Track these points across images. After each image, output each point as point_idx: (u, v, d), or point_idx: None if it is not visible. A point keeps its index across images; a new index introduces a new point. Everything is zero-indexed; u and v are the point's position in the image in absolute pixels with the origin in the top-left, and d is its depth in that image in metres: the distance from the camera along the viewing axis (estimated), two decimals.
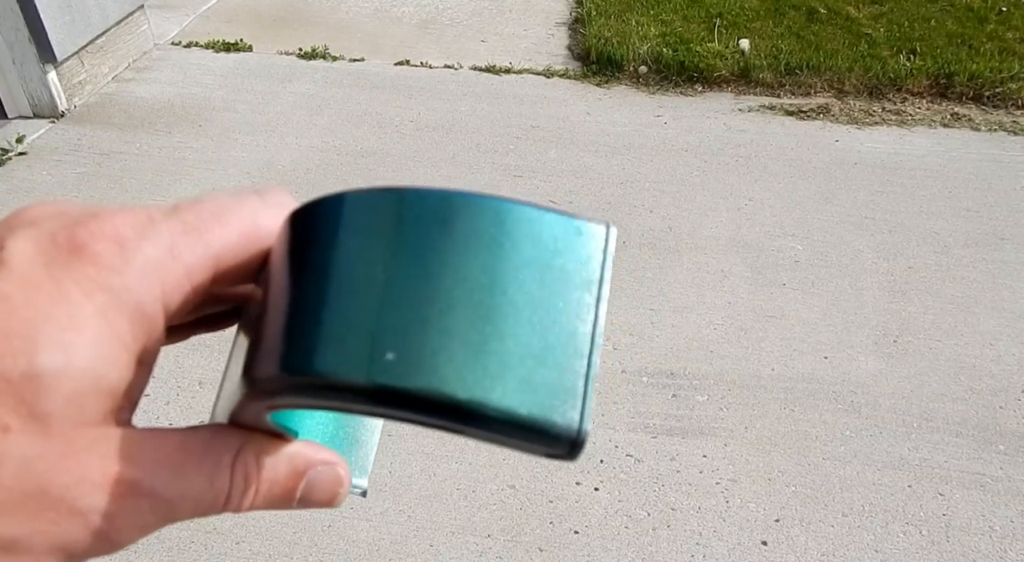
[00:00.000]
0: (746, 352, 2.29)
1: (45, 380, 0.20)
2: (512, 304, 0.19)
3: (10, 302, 0.20)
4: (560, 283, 0.20)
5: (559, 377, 0.19)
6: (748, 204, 2.92)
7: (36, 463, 0.20)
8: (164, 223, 0.23)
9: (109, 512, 0.21)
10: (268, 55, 3.90)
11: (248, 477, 0.24)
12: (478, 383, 0.18)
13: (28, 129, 3.22)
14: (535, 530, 1.82)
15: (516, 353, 0.19)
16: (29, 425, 0.20)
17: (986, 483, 1.95)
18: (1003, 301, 2.49)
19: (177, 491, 0.22)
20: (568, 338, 0.19)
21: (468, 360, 0.18)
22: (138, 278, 0.21)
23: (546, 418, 0.18)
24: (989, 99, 3.59)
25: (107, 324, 0.21)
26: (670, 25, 4.08)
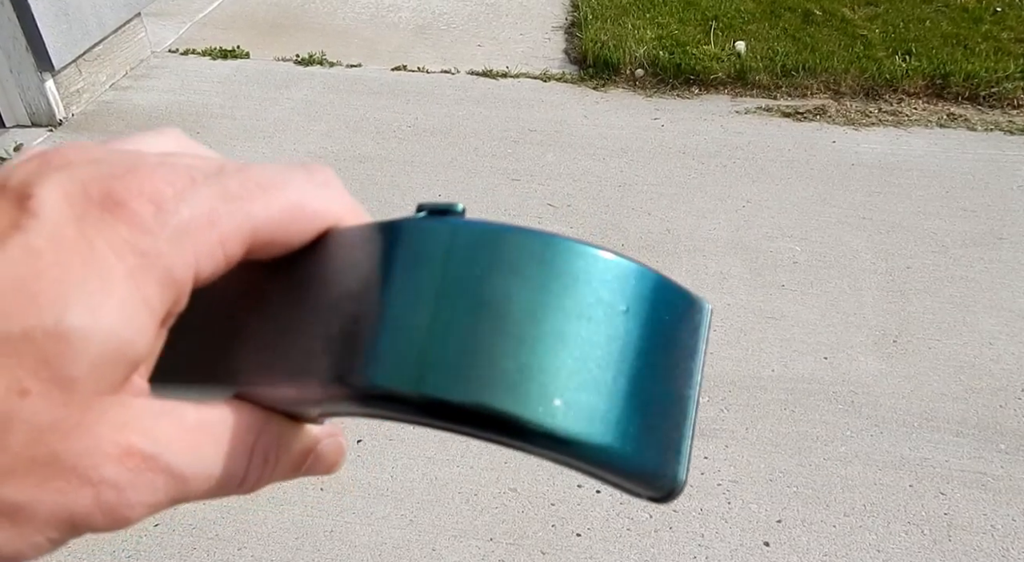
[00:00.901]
0: (746, 353, 2.29)
1: (72, 343, 0.19)
2: (647, 366, 0.21)
3: (40, 258, 0.19)
4: (678, 350, 0.22)
5: (673, 433, 0.22)
6: (746, 206, 2.93)
7: (50, 430, 0.19)
8: (206, 186, 0.21)
9: (121, 485, 0.20)
10: (265, 62, 3.90)
11: (267, 459, 0.24)
12: (619, 434, 0.20)
13: (26, 138, 3.22)
14: (537, 533, 1.82)
15: (644, 410, 0.21)
16: (49, 389, 0.19)
17: (987, 482, 1.95)
18: (1002, 300, 2.50)
19: (193, 470, 0.22)
20: (679, 400, 0.22)
21: (614, 413, 0.20)
22: (172, 243, 0.20)
23: (661, 469, 0.21)
24: (985, 99, 3.60)
25: (137, 288, 0.20)
26: (666, 28, 4.09)
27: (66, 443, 0.19)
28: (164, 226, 0.20)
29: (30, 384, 0.18)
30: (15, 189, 0.20)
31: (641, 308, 0.21)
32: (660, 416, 0.21)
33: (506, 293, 0.20)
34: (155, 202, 0.20)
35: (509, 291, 0.20)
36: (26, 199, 0.20)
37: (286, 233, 0.23)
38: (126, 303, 0.19)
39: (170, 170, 0.21)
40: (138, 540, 1.78)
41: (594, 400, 0.20)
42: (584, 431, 0.20)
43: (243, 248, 0.22)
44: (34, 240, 0.19)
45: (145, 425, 0.21)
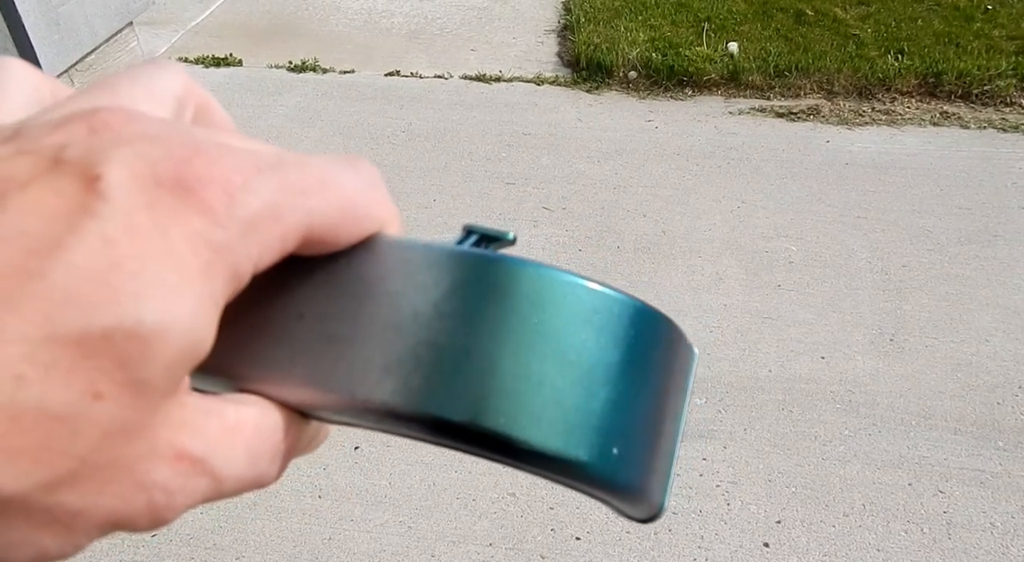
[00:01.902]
0: (743, 354, 2.29)
1: (151, 345, 0.17)
2: (648, 401, 0.23)
3: (116, 248, 0.17)
4: (671, 388, 0.24)
5: (660, 463, 0.24)
6: (741, 206, 2.93)
7: (117, 434, 0.18)
8: (269, 176, 0.20)
9: (171, 489, 0.19)
10: (258, 69, 3.90)
11: (289, 457, 0.23)
12: (613, 461, 0.22)
13: None
14: (536, 537, 1.82)
15: (640, 441, 0.23)
16: (122, 392, 0.18)
17: (986, 479, 1.95)
18: (997, 297, 2.50)
19: (229, 471, 0.21)
20: (668, 434, 0.24)
21: (616, 441, 0.22)
22: (241, 237, 0.19)
23: (648, 495, 0.23)
24: (978, 97, 3.61)
25: (208, 285, 0.19)
26: (659, 30, 4.10)
27: (128, 447, 0.18)
28: (234, 219, 0.19)
29: (104, 387, 0.17)
30: (78, 165, 0.18)
31: (666, 356, 0.24)
32: (653, 447, 0.23)
33: (589, 348, 0.22)
34: (227, 190, 0.19)
35: (591, 346, 0.22)
36: (94, 180, 0.18)
37: (336, 233, 0.22)
38: (201, 301, 0.19)
39: (236, 156, 0.20)
40: (135, 550, 1.77)
41: (637, 447, 0.23)
42: (631, 477, 0.23)
43: (298, 245, 0.21)
44: (109, 228, 0.17)
45: (197, 426, 0.20)
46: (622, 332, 0.22)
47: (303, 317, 0.23)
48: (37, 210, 0.17)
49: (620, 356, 0.22)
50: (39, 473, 0.17)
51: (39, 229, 0.17)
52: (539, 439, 0.21)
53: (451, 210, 2.89)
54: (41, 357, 0.16)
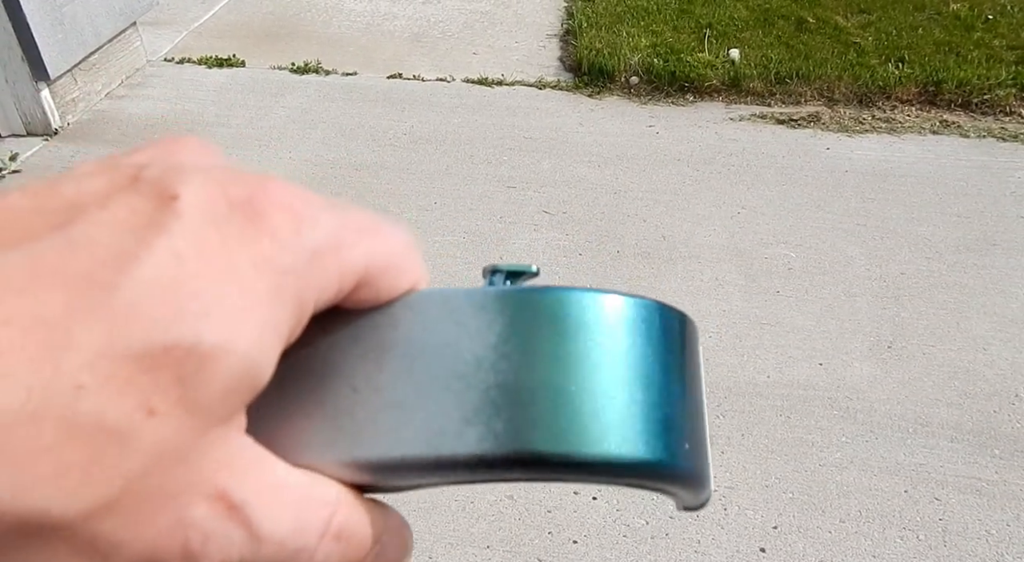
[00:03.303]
0: (741, 360, 2.30)
1: (210, 364, 0.17)
2: (691, 391, 0.25)
3: (184, 265, 0.17)
4: (698, 373, 0.26)
5: (708, 446, 0.25)
6: (741, 212, 2.94)
7: (164, 457, 0.17)
8: (333, 212, 0.20)
9: (207, 532, 0.18)
10: (261, 70, 3.91)
11: (339, 539, 0.21)
12: (689, 457, 0.24)
13: (21, 147, 3.22)
14: (534, 540, 1.82)
15: (697, 431, 0.25)
16: (177, 412, 0.17)
17: (982, 487, 1.96)
18: (995, 306, 2.51)
19: (269, 531, 0.19)
20: (705, 417, 0.26)
21: (686, 437, 0.24)
22: (307, 264, 0.19)
23: (708, 480, 0.25)
24: (977, 106, 3.62)
25: (272, 311, 0.18)
26: (660, 36, 4.11)
27: (172, 473, 0.18)
28: (301, 246, 0.19)
29: (159, 403, 0.17)
30: (155, 184, 0.18)
31: (690, 345, 0.26)
32: (706, 432, 0.25)
33: (641, 355, 0.23)
34: (295, 219, 0.19)
35: (642, 353, 0.23)
36: (171, 199, 0.18)
37: (386, 279, 0.22)
38: (264, 326, 0.18)
39: (301, 191, 0.20)
40: None
41: (697, 438, 0.25)
42: (701, 467, 0.25)
43: (353, 285, 0.21)
44: (179, 244, 0.17)
45: (242, 469, 0.19)
46: (659, 334, 0.24)
47: (357, 390, 0.22)
48: (112, 224, 0.18)
49: (665, 357, 0.24)
50: (87, 494, 0.16)
51: (113, 242, 0.17)
52: (631, 453, 0.22)
53: (452, 213, 2.90)
54: (101, 368, 0.16)
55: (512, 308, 0.23)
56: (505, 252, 2.69)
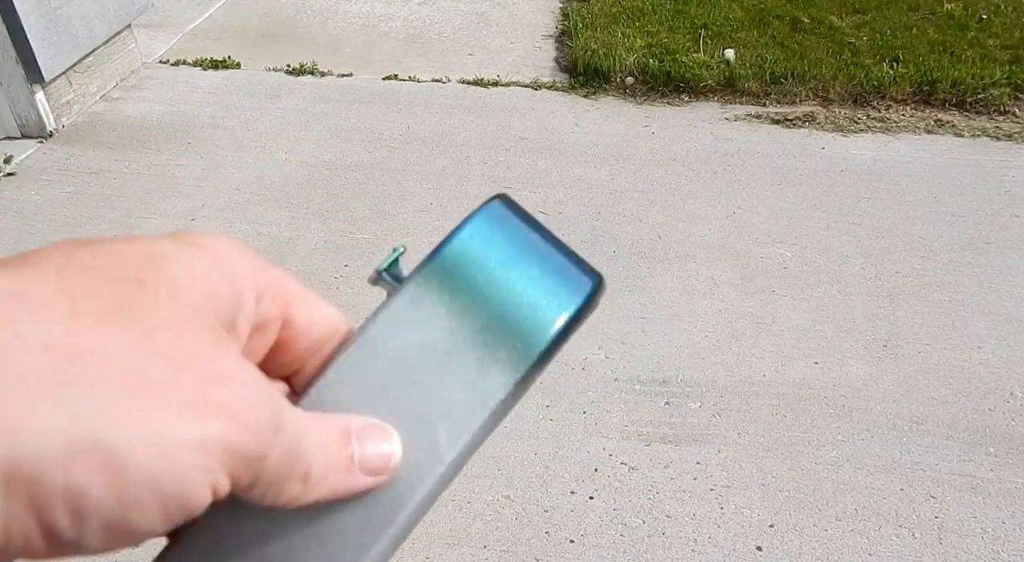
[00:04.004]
0: (737, 359, 2.30)
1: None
2: (549, 236, 0.32)
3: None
4: (537, 223, 0.33)
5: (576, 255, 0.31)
6: (736, 212, 2.94)
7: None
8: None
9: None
10: (256, 71, 3.91)
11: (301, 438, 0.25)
12: (599, 282, 0.31)
13: (16, 150, 3.21)
14: (531, 540, 1.82)
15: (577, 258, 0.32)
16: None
17: (977, 485, 1.96)
18: (989, 304, 2.52)
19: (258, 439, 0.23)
20: (562, 243, 0.32)
21: (590, 272, 0.31)
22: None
23: (593, 285, 0.31)
24: (972, 105, 3.63)
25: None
26: (656, 36, 4.11)
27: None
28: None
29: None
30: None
31: (525, 214, 0.32)
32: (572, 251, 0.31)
33: (519, 247, 0.30)
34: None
35: (519, 245, 0.30)
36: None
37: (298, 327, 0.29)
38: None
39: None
40: (129, 550, 1.77)
41: (578, 259, 0.32)
42: (595, 270, 0.32)
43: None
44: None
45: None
46: (508, 223, 0.30)
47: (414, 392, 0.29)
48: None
49: (527, 232, 0.30)
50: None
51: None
52: (581, 292, 0.30)
53: (448, 213, 2.90)
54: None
55: (431, 283, 0.28)
56: None
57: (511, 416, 0.34)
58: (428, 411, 0.27)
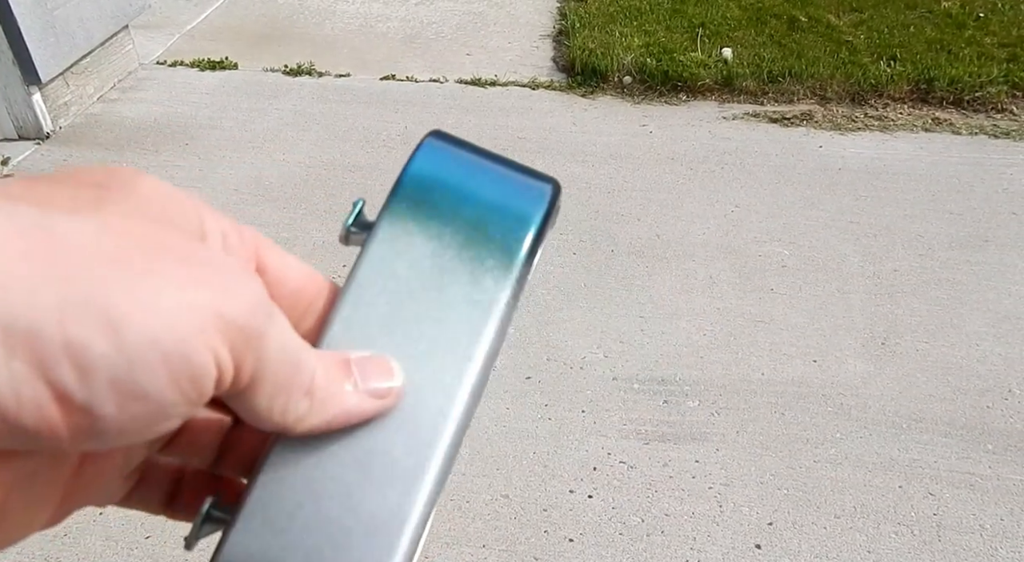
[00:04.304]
0: (736, 357, 2.30)
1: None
2: (500, 158, 0.34)
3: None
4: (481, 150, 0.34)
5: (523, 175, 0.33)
6: (735, 211, 2.95)
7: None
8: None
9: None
10: (254, 72, 3.91)
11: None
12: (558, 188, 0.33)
13: (13, 151, 3.21)
14: (530, 539, 1.82)
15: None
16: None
17: (975, 482, 1.97)
18: (987, 302, 2.52)
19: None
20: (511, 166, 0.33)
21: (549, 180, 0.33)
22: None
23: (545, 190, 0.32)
24: (969, 103, 3.64)
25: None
26: (653, 35, 4.12)
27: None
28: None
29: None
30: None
31: (462, 142, 0.33)
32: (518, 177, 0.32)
33: (477, 168, 0.32)
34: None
35: (477, 166, 0.32)
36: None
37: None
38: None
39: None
40: (129, 552, 1.77)
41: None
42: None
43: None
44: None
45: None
46: (460, 152, 0.32)
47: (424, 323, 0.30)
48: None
49: (478, 157, 0.32)
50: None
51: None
52: (544, 193, 0.32)
53: None
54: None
55: (401, 216, 0.30)
56: None
57: (510, 415, 0.34)
58: (440, 331, 0.28)
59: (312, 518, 0.26)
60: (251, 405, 0.24)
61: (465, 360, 0.28)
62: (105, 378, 0.19)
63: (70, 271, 0.19)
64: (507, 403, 2.14)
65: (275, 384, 0.24)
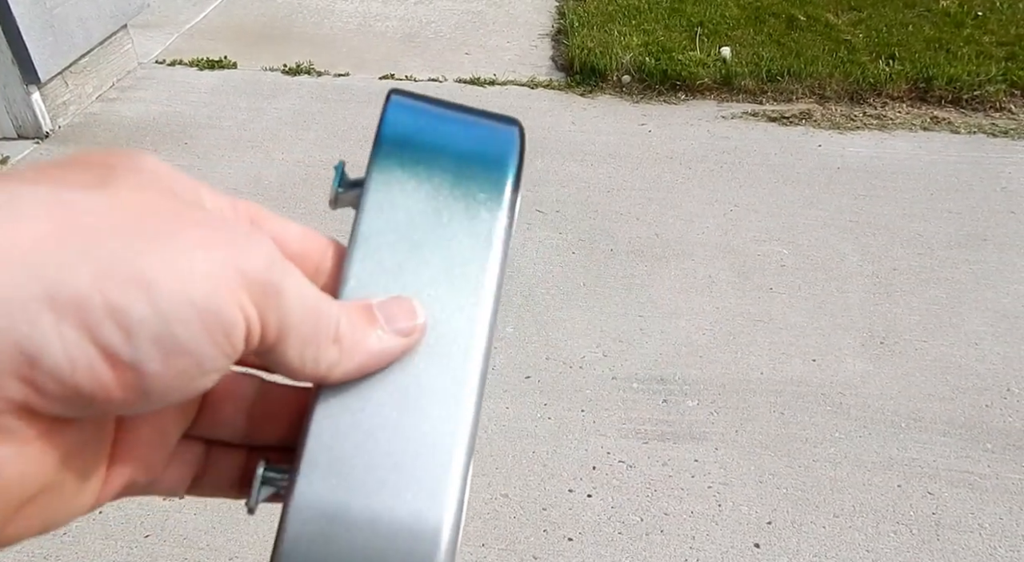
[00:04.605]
0: (735, 356, 2.31)
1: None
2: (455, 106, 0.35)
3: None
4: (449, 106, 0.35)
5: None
6: (734, 210, 2.95)
7: None
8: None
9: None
10: (253, 71, 3.91)
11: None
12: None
13: (12, 151, 3.21)
14: (529, 538, 1.82)
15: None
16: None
17: (974, 481, 1.97)
18: (986, 301, 2.52)
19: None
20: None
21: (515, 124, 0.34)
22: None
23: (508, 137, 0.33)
24: (967, 102, 3.64)
25: None
26: (652, 34, 4.12)
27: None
28: None
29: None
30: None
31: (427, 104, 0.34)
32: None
33: (447, 112, 0.33)
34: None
35: (445, 112, 0.33)
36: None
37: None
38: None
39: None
40: (129, 551, 1.77)
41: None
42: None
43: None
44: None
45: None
46: (425, 104, 0.33)
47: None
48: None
49: (444, 107, 0.33)
50: None
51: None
52: (518, 142, 0.32)
53: None
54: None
55: (389, 166, 0.31)
56: None
57: (509, 414, 0.34)
58: (449, 265, 0.29)
59: (368, 455, 0.27)
60: (285, 359, 0.25)
61: (478, 287, 0.29)
62: (147, 336, 0.21)
63: (98, 242, 0.21)
64: (506, 402, 2.14)
65: (301, 334, 0.25)
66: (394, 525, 0.27)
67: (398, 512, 0.27)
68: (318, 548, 0.26)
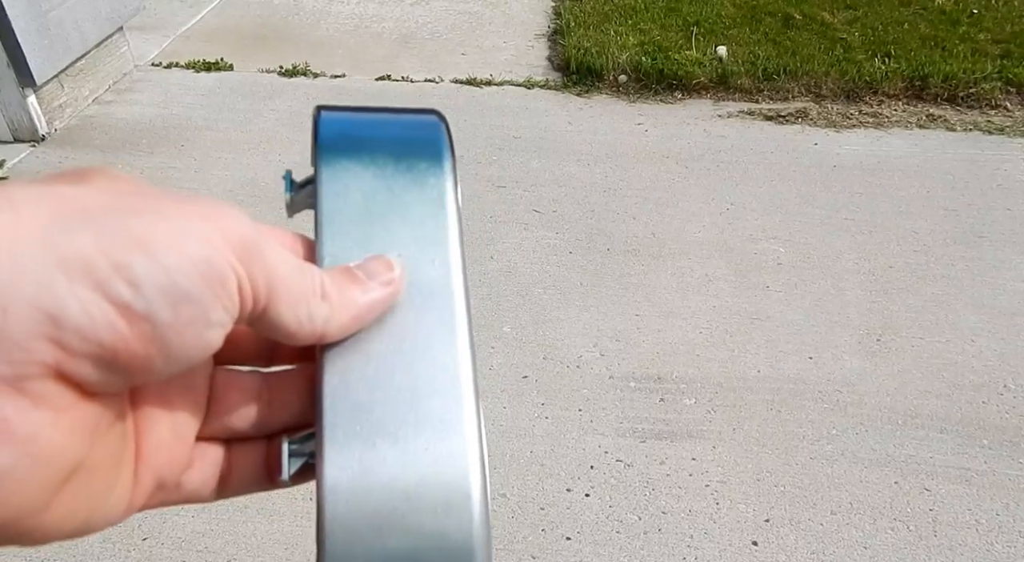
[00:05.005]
0: (732, 355, 2.31)
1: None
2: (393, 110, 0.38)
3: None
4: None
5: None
6: (730, 208, 2.95)
7: None
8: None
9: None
10: (249, 73, 3.91)
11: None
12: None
13: (8, 154, 3.21)
14: (527, 537, 1.83)
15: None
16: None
17: (971, 477, 1.97)
18: (983, 298, 2.53)
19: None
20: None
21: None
22: None
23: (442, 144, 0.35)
24: (963, 100, 3.65)
25: None
26: (648, 34, 4.12)
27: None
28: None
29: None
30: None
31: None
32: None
33: (384, 117, 0.37)
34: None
35: (384, 116, 0.37)
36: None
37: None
38: None
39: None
40: (127, 553, 1.77)
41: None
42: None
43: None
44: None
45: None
46: (350, 109, 0.37)
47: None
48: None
49: (368, 108, 0.36)
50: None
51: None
52: (441, 119, 0.36)
53: None
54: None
55: (334, 156, 0.35)
56: (496, 251, 2.70)
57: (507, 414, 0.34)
58: (411, 227, 0.32)
59: (383, 401, 0.29)
60: (281, 320, 0.27)
61: (443, 239, 0.32)
62: (154, 287, 0.23)
63: (94, 218, 0.23)
64: (504, 402, 2.14)
65: (290, 293, 0.27)
66: (422, 456, 0.28)
67: (423, 444, 0.28)
68: (360, 493, 0.27)
